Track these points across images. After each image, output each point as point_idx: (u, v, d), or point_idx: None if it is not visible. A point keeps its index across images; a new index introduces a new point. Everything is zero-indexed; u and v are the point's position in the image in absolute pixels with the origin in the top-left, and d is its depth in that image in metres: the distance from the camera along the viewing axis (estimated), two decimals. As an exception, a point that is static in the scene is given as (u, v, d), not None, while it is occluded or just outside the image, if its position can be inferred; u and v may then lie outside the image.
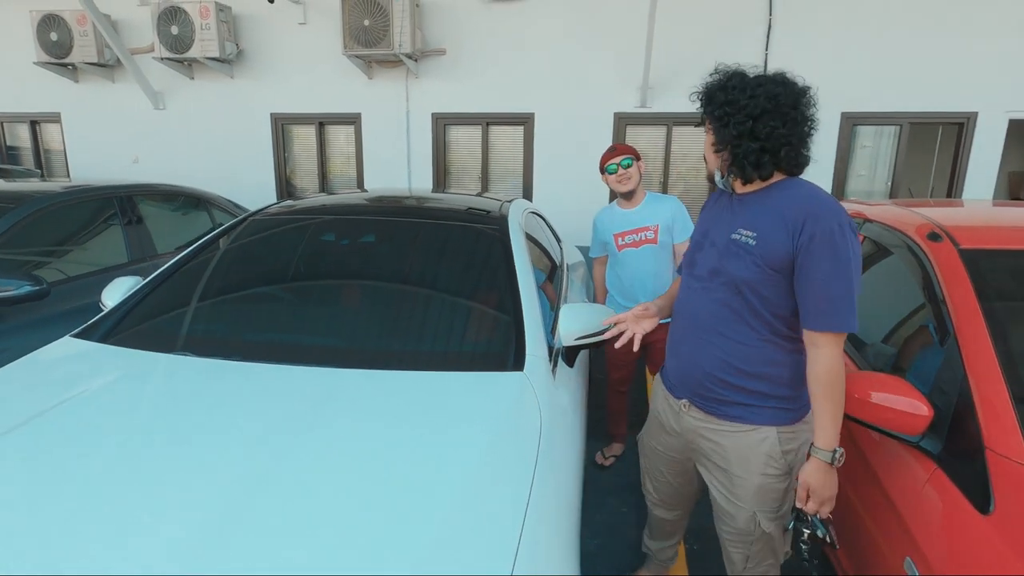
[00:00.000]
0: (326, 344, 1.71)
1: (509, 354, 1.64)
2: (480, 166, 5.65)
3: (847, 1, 4.71)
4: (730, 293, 1.38)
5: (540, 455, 1.28)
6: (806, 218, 1.25)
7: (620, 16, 5.02)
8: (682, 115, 5.12)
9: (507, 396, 1.45)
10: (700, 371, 1.45)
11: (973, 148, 4.75)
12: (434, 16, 5.35)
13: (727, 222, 1.42)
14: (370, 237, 2.17)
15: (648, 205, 2.60)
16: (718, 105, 1.34)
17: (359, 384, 1.46)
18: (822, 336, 1.28)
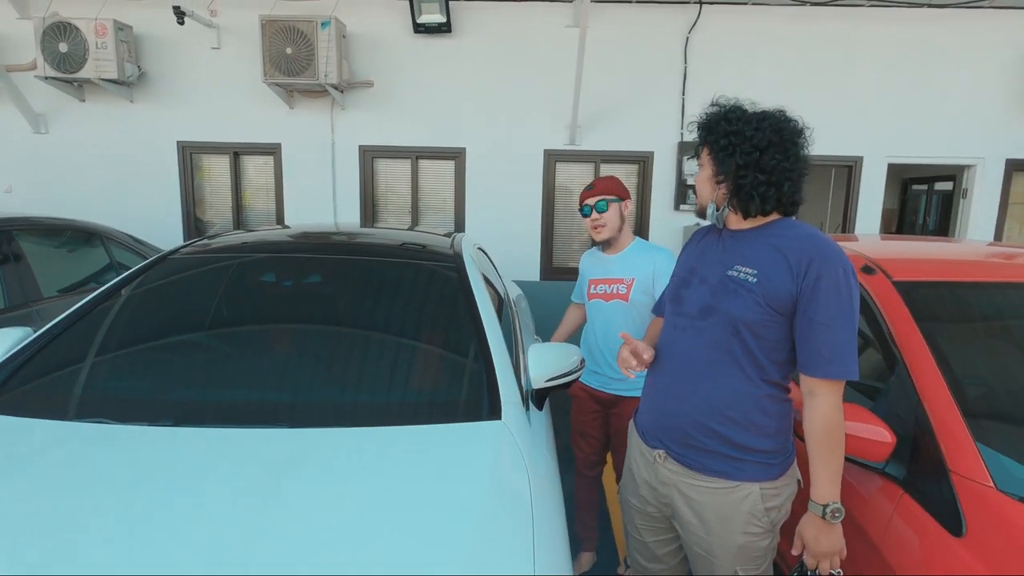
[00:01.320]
0: (280, 400, 1.51)
1: (483, 402, 1.54)
2: (410, 199, 5.52)
3: (747, 61, 5.17)
4: (726, 333, 1.30)
5: (535, 516, 1.18)
6: (811, 260, 1.22)
7: (549, 56, 5.19)
8: (609, 152, 5.33)
9: (489, 450, 1.34)
10: (684, 418, 1.35)
11: (861, 188, 5.34)
12: (361, 47, 5.24)
13: (718, 259, 1.36)
14: (315, 277, 1.99)
15: (630, 254, 2.18)
16: (722, 135, 1.30)
17: (330, 445, 1.29)
18: (823, 384, 1.23)
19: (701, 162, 1.39)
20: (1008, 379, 1.63)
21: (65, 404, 1.45)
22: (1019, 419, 1.54)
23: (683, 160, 5.21)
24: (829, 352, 1.21)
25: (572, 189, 5.48)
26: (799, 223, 1.34)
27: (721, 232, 1.40)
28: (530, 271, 5.46)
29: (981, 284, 1.89)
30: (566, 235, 5.56)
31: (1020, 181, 5.34)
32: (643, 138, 5.28)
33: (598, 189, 2.14)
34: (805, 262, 1.22)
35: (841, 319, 1.20)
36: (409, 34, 5.18)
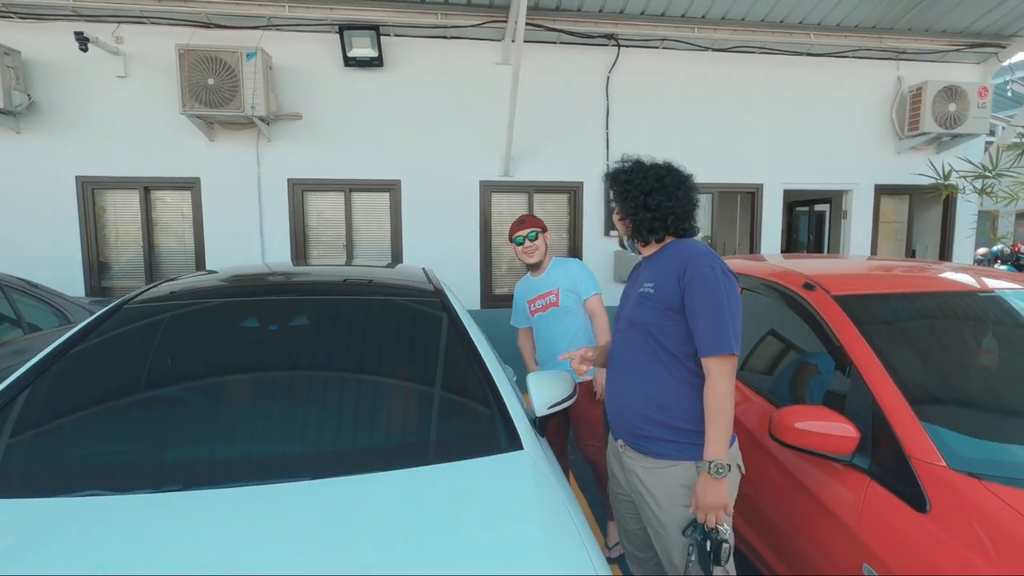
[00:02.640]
0: (296, 452, 1.44)
1: (502, 434, 1.57)
2: (344, 233, 5.39)
3: (661, 98, 5.66)
4: (642, 337, 1.62)
5: (583, 537, 1.23)
6: (686, 265, 1.54)
7: (481, 91, 5.35)
8: (542, 183, 5.56)
9: (524, 480, 1.38)
10: (629, 410, 1.64)
11: (764, 211, 5.96)
12: (288, 79, 5.11)
13: (636, 281, 1.73)
14: (302, 320, 1.92)
15: (551, 271, 2.71)
16: (620, 184, 1.71)
17: (364, 491, 1.26)
18: (711, 361, 1.49)
19: (614, 206, 1.79)
20: (937, 373, 1.93)
21: (51, 478, 1.29)
22: (953, 405, 1.82)
23: (609, 190, 5.54)
24: (709, 335, 1.48)
25: (509, 219, 5.63)
26: (686, 241, 1.68)
27: (642, 260, 1.77)
28: (470, 300, 5.50)
29: (901, 295, 2.22)
30: (504, 263, 5.68)
31: (887, 203, 6.23)
32: (573, 169, 5.57)
33: (528, 223, 2.66)
34: (683, 267, 1.54)
35: (713, 306, 1.48)
36: (339, 67, 5.13)
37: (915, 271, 2.52)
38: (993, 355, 2.07)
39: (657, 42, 5.53)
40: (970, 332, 2.14)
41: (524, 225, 2.68)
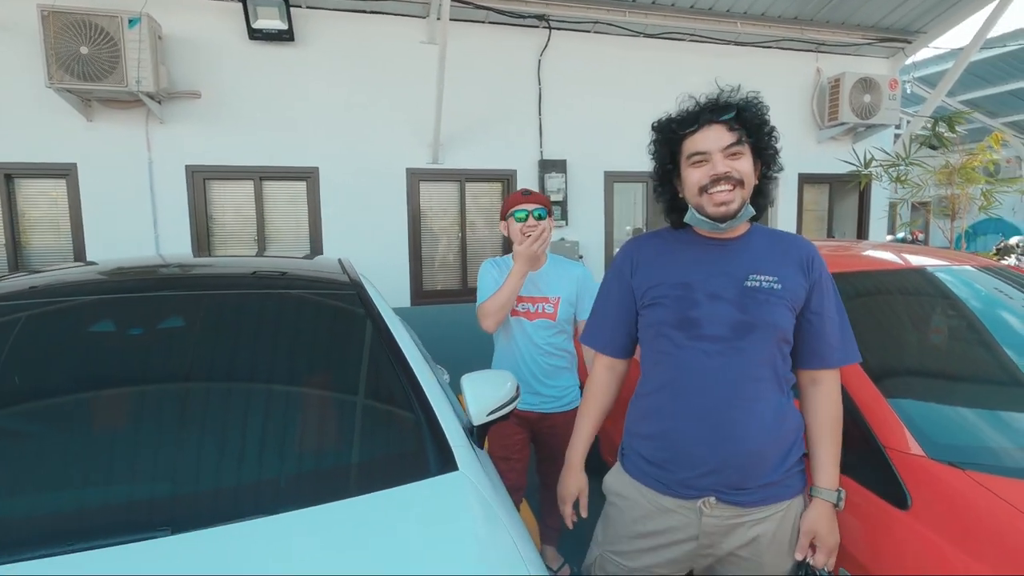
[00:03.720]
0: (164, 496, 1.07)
1: (432, 453, 1.27)
2: (255, 225, 4.85)
3: (593, 82, 5.51)
4: (770, 347, 1.21)
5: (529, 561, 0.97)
6: (812, 258, 1.27)
7: (406, 72, 4.97)
8: (474, 171, 5.26)
9: (460, 506, 1.10)
10: (743, 450, 1.20)
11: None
12: (184, 53, 4.50)
13: (719, 271, 1.25)
14: (174, 322, 1.52)
15: (550, 271, 2.06)
16: (771, 130, 1.27)
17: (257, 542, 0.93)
18: (830, 373, 1.28)
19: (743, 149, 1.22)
20: (902, 354, 1.82)
21: None
22: (923, 389, 1.71)
23: (545, 177, 5.34)
24: (839, 341, 1.26)
25: (439, 209, 5.29)
26: (765, 228, 1.38)
27: (692, 241, 1.31)
28: (399, 297, 5.12)
29: (851, 273, 2.11)
30: (436, 256, 5.34)
31: (809, 192, 6.43)
32: (506, 156, 5.31)
33: (535, 198, 2.01)
34: (808, 260, 1.26)
35: (842, 310, 1.29)
36: (244, 40, 4.58)
37: (857, 249, 2.46)
38: (942, 334, 2.00)
39: (589, 25, 5.37)
40: (920, 309, 2.07)
41: (531, 198, 2.00)
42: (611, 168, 5.63)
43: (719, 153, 1.22)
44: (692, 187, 1.25)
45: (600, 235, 5.69)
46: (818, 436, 1.27)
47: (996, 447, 1.46)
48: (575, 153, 5.46)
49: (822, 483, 1.24)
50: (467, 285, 5.37)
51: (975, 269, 2.20)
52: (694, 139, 1.25)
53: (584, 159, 5.50)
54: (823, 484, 1.24)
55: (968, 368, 1.83)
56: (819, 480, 1.25)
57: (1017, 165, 11.68)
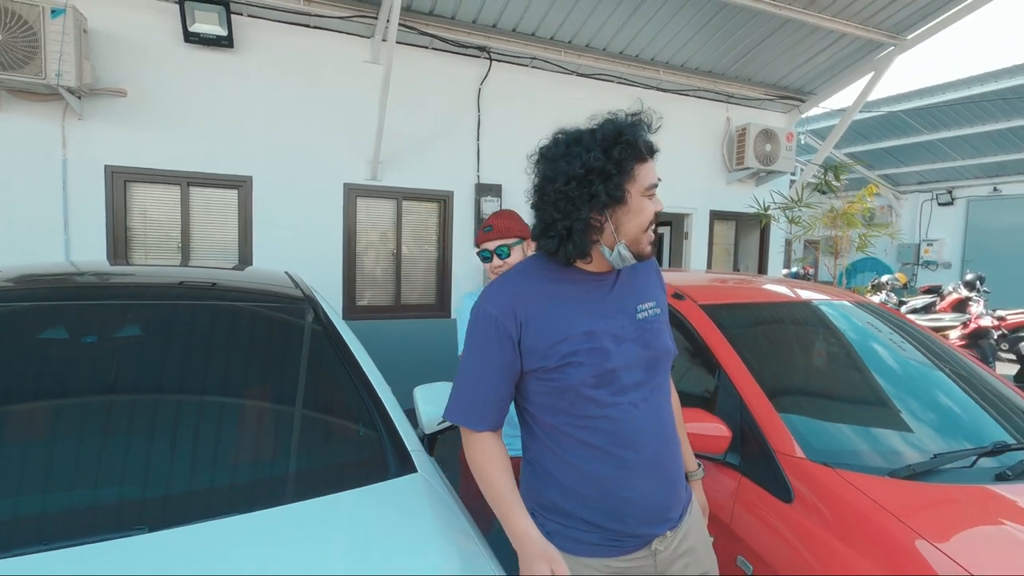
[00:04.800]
0: (137, 497, 1.12)
1: (391, 457, 1.39)
2: (180, 233, 4.65)
3: (528, 114, 5.82)
4: (666, 375, 1.22)
5: (493, 565, 1.11)
6: (654, 270, 1.31)
7: (348, 89, 5.01)
8: (411, 190, 5.35)
9: (421, 505, 1.22)
10: (677, 484, 1.24)
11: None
12: (111, 49, 4.30)
13: (612, 308, 1.16)
14: (133, 330, 1.53)
15: None
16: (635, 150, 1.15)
17: (229, 539, 1.00)
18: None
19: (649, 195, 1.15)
20: (789, 372, 2.15)
21: None
22: (804, 402, 2.03)
23: (481, 200, 5.53)
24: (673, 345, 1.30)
25: (375, 225, 5.33)
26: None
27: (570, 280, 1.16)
28: (331, 311, 5.06)
29: (754, 303, 2.46)
30: (370, 272, 5.35)
31: (719, 227, 7.08)
32: (444, 178, 5.46)
33: (496, 231, 1.88)
34: (656, 275, 1.31)
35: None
36: (179, 42, 4.45)
37: (758, 283, 2.83)
38: (823, 356, 2.37)
39: (527, 60, 5.68)
40: (807, 336, 2.44)
41: (492, 234, 1.86)
42: (543, 195, 5.92)
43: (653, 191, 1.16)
44: (643, 222, 1.11)
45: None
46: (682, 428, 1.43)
47: (860, 450, 1.78)
48: (510, 178, 5.71)
49: (692, 467, 1.45)
50: (400, 301, 5.42)
51: (851, 304, 2.61)
52: (647, 168, 1.12)
53: (519, 185, 5.73)
54: (692, 468, 1.45)
55: (842, 387, 2.19)
56: (690, 465, 1.44)
57: (889, 212, 13.37)
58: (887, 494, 1.51)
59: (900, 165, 12.35)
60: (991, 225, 11.70)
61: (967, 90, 9.47)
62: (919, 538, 1.37)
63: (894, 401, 2.07)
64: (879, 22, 5.57)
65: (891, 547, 1.37)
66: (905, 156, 11.93)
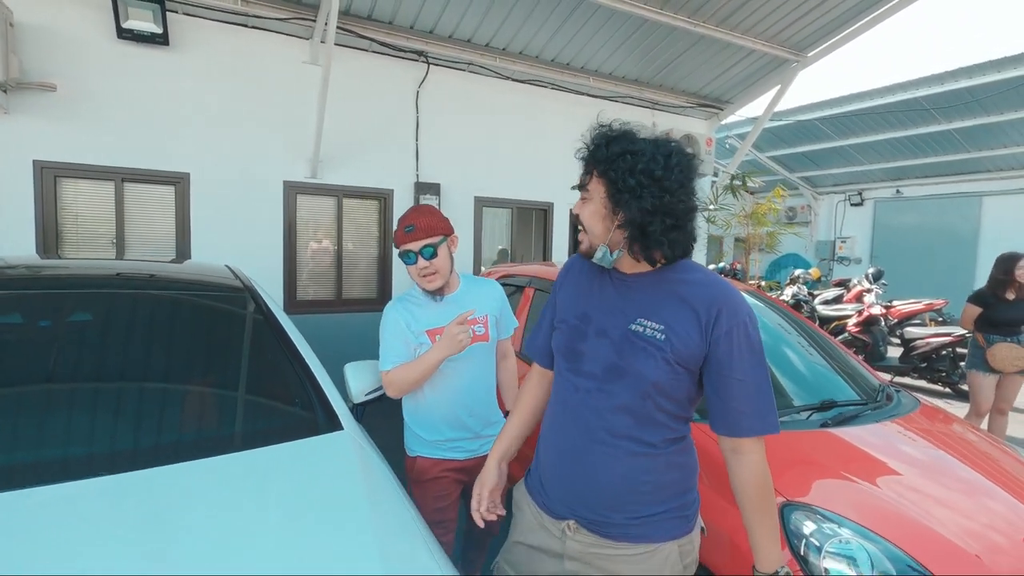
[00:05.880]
0: (106, 450, 1.35)
1: (320, 416, 1.65)
2: (114, 229, 4.65)
3: (465, 116, 6.09)
4: (636, 397, 1.14)
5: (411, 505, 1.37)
6: (720, 310, 1.11)
7: (286, 88, 5.13)
8: (352, 188, 5.52)
9: (347, 456, 1.48)
10: (599, 489, 1.18)
11: (554, 226, 6.78)
12: (39, 43, 4.27)
13: (617, 307, 1.19)
14: (84, 315, 1.72)
15: (468, 291, 1.92)
16: (627, 172, 1.10)
17: (182, 480, 1.24)
18: (749, 442, 1.13)
19: (588, 193, 1.19)
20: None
21: None
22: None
23: (420, 198, 5.76)
24: (752, 408, 1.11)
25: (314, 222, 5.46)
26: (697, 266, 1.22)
27: (612, 274, 1.23)
28: (272, 306, 5.18)
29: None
30: (312, 268, 5.49)
31: (647, 224, 7.57)
32: (383, 176, 5.65)
33: (420, 230, 1.75)
34: (714, 312, 1.11)
35: (757, 372, 1.11)
36: (111, 38, 4.46)
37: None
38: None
39: (464, 65, 5.95)
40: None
41: (415, 234, 1.74)
42: (480, 194, 6.22)
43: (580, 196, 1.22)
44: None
45: (469, 256, 6.23)
46: (749, 512, 1.14)
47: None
48: (448, 178, 5.97)
49: (761, 567, 1.13)
50: (341, 296, 5.58)
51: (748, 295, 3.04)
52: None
53: (456, 184, 6.04)
54: (761, 568, 1.13)
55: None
56: (758, 563, 1.14)
57: (808, 212, 14.46)
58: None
59: (817, 168, 13.39)
60: (895, 224, 12.88)
61: (871, 101, 10.43)
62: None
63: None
64: (783, 40, 6.18)
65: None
66: (821, 160, 12.96)
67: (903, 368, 6.64)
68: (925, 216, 12.30)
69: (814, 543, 1.55)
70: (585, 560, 1.22)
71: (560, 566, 1.25)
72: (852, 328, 7.21)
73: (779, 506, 1.64)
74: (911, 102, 9.93)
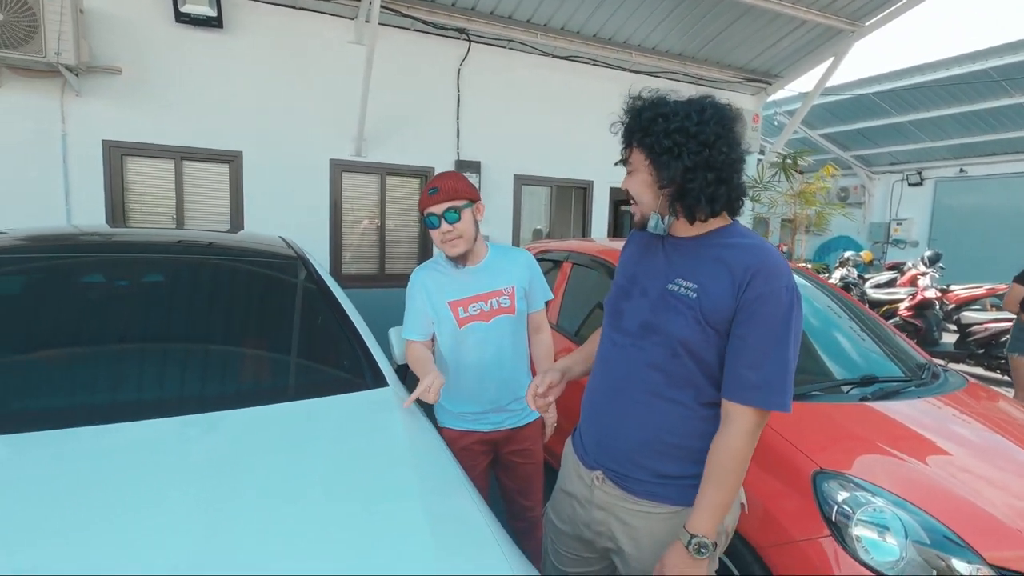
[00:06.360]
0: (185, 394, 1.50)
1: (367, 373, 1.76)
2: (174, 204, 4.93)
3: (506, 94, 6.10)
4: (666, 354, 1.16)
5: (453, 460, 1.46)
6: (755, 274, 1.09)
7: (332, 68, 5.27)
8: (394, 166, 5.66)
9: (390, 407, 1.59)
10: (624, 441, 1.23)
11: (593, 205, 6.76)
12: (106, 28, 4.52)
13: (660, 270, 1.23)
14: (157, 276, 1.88)
15: (496, 261, 1.86)
16: (663, 134, 1.11)
17: (247, 421, 1.37)
18: (740, 410, 1.10)
19: (632, 167, 1.22)
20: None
21: None
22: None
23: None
24: (756, 377, 1.08)
25: (359, 198, 5.63)
26: (747, 230, 1.22)
27: (664, 240, 1.25)
28: (319, 280, 5.40)
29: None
30: (355, 243, 5.68)
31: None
32: (425, 154, 5.76)
33: (444, 193, 1.70)
34: (748, 274, 1.10)
35: (777, 343, 1.08)
36: (170, 22, 4.68)
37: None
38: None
39: (505, 42, 5.95)
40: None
41: (438, 196, 1.70)
42: (520, 172, 6.26)
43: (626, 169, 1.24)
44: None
45: (508, 233, 6.30)
46: (706, 477, 1.13)
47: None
48: (488, 156, 6.02)
49: (688, 525, 1.12)
50: (384, 271, 5.76)
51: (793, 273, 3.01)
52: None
53: (496, 162, 6.09)
54: (687, 527, 1.12)
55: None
56: (688, 523, 1.12)
57: (862, 192, 13.83)
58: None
59: (873, 146, 12.76)
60: (957, 205, 12.19)
61: (933, 74, 9.84)
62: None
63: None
64: (838, 8, 5.90)
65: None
66: (877, 137, 12.34)
67: (958, 354, 6.36)
68: (991, 197, 11.58)
69: (846, 510, 1.57)
70: (610, 510, 1.27)
71: (589, 514, 1.31)
72: (904, 312, 6.93)
73: (811, 474, 1.66)
74: (979, 74, 9.31)
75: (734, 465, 1.10)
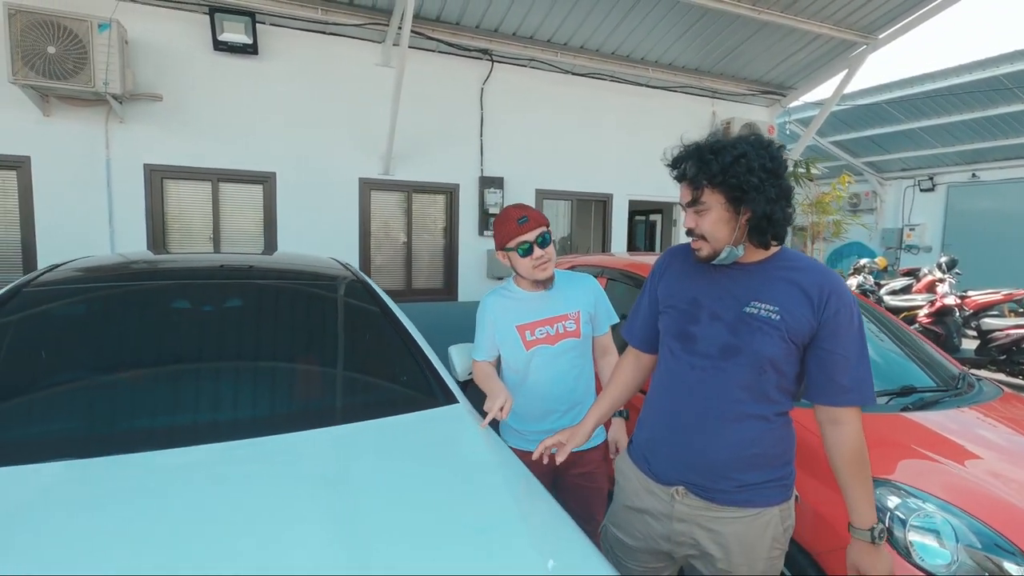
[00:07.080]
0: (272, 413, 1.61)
1: (438, 391, 1.87)
2: (211, 225, 5.10)
3: (527, 112, 6.26)
4: (753, 373, 1.26)
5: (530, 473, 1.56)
6: (830, 293, 1.23)
7: (361, 90, 5.44)
8: (421, 184, 5.81)
9: (466, 422, 1.70)
10: (713, 458, 1.31)
11: (613, 218, 6.87)
12: (147, 56, 4.72)
13: (728, 293, 1.31)
14: (236, 301, 2.01)
15: (562, 287, 1.91)
16: (747, 172, 1.20)
17: (349, 437, 1.48)
18: (848, 412, 1.25)
19: (702, 206, 1.27)
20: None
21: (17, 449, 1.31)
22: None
23: (484, 192, 5.98)
24: (854, 382, 1.23)
25: (387, 217, 5.78)
26: (799, 254, 1.36)
27: (717, 266, 1.33)
28: (348, 295, 5.54)
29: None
30: (384, 260, 5.82)
31: (705, 214, 7.54)
32: (450, 171, 5.91)
33: (534, 220, 1.78)
34: (825, 294, 1.23)
35: (861, 349, 1.25)
36: (208, 50, 4.87)
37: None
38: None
39: (526, 61, 6.11)
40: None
41: (529, 224, 1.77)
42: (541, 186, 6.39)
43: (686, 209, 1.32)
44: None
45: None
46: (845, 477, 1.26)
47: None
48: (511, 171, 6.16)
49: (856, 523, 1.25)
50: (411, 286, 5.89)
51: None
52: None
53: (519, 177, 6.23)
54: (857, 524, 1.25)
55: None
56: (853, 520, 1.26)
57: (874, 198, 13.85)
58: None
59: (884, 153, 12.80)
60: (970, 210, 12.19)
61: (944, 81, 9.91)
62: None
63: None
64: (852, 23, 6.01)
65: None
66: (888, 144, 12.39)
67: (980, 360, 6.39)
68: (1004, 201, 11.59)
69: (899, 516, 1.65)
70: (692, 521, 1.34)
71: (668, 527, 1.38)
72: (923, 319, 6.97)
73: (863, 482, 1.75)
74: (991, 80, 9.37)
75: (862, 457, 1.25)
